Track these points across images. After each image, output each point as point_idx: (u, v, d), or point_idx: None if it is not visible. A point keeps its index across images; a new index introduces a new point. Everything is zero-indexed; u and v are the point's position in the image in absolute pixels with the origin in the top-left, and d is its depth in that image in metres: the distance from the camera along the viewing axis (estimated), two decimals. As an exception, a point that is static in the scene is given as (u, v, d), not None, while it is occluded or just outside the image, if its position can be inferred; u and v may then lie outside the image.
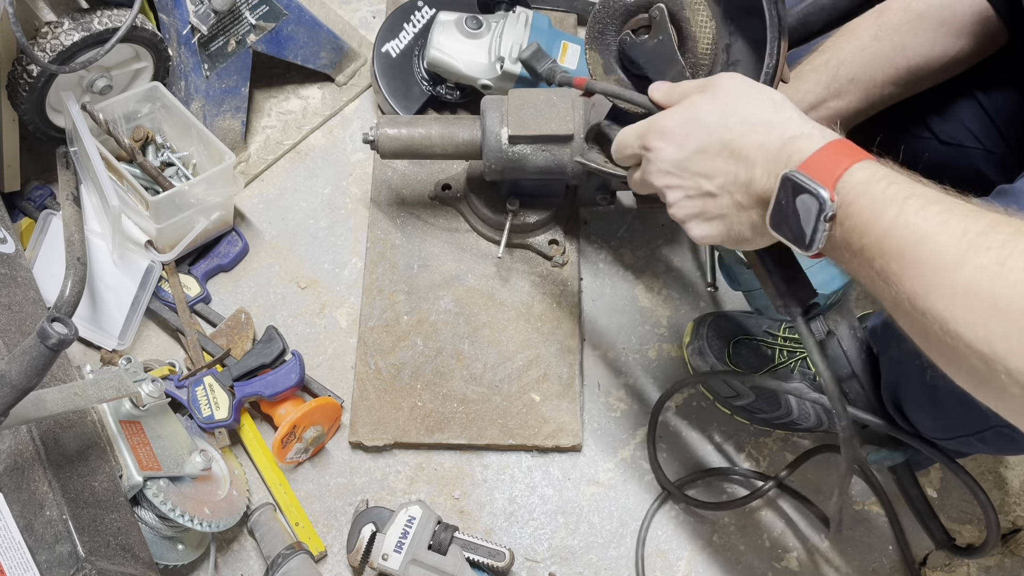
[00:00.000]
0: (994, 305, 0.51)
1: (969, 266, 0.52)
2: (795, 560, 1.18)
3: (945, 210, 0.56)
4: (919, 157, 1.09)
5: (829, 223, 0.62)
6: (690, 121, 0.73)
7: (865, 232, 0.59)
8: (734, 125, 0.70)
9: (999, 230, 0.53)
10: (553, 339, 1.27)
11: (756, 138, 0.68)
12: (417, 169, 1.39)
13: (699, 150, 0.72)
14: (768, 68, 0.79)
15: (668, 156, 0.74)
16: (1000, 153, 1.04)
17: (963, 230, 0.54)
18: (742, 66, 0.85)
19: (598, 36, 0.89)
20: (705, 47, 0.83)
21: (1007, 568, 1.18)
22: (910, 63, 1.00)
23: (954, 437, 0.96)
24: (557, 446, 1.21)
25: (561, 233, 1.32)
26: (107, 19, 1.19)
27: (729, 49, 0.85)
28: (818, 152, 0.64)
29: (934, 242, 0.55)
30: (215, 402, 1.16)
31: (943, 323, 0.54)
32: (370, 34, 1.52)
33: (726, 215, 0.72)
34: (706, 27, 0.82)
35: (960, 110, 1.05)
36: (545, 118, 1.14)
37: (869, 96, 1.03)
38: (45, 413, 0.89)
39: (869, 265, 0.60)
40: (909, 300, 0.56)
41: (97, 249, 1.26)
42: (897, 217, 0.57)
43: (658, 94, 0.80)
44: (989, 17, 0.97)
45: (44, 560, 0.86)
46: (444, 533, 1.09)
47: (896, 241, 0.57)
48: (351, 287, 1.34)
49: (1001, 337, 0.50)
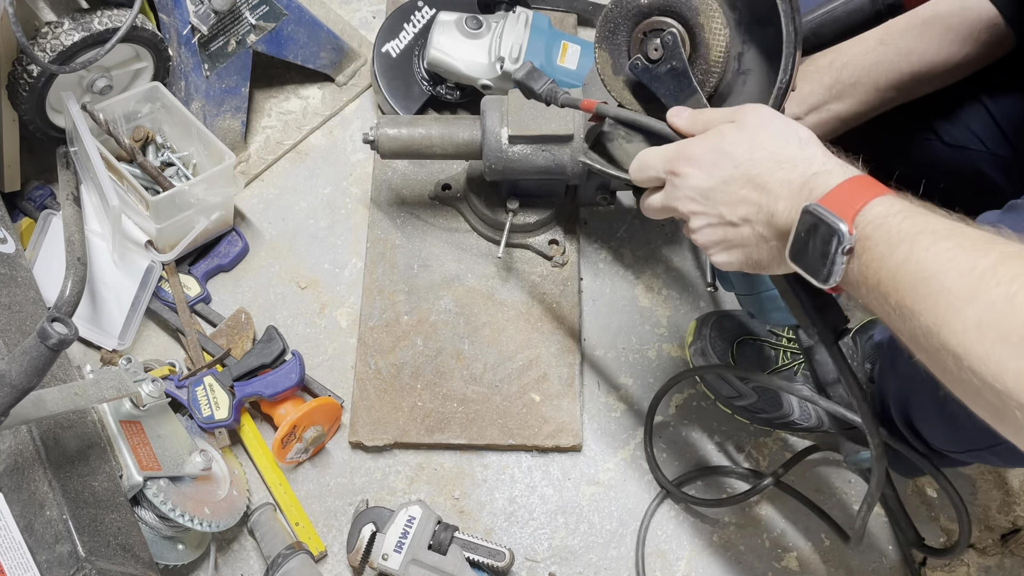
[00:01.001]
0: (1005, 340, 0.51)
1: (979, 302, 0.53)
2: (795, 560, 1.18)
3: (956, 245, 0.57)
4: (924, 159, 1.08)
5: (847, 256, 0.63)
6: (718, 151, 0.73)
7: (881, 267, 0.60)
8: (760, 160, 0.71)
9: (1009, 264, 0.53)
10: (553, 339, 1.27)
11: (781, 174, 0.70)
12: (417, 169, 1.39)
13: (725, 181, 0.73)
14: (782, 83, 0.79)
15: (695, 184, 0.75)
16: (1005, 156, 1.04)
17: (972, 266, 0.55)
18: (753, 75, 0.84)
19: (609, 36, 0.87)
20: (718, 55, 0.82)
21: (1007, 568, 1.18)
22: (914, 68, 1.00)
23: (967, 450, 0.96)
24: (557, 446, 1.21)
25: (561, 233, 1.32)
26: (107, 19, 1.19)
27: (741, 58, 0.84)
28: (839, 187, 0.65)
29: (945, 278, 0.56)
30: (215, 402, 1.16)
31: (957, 359, 0.54)
32: (370, 34, 1.52)
33: (748, 244, 0.74)
34: (720, 34, 0.82)
35: (965, 113, 1.05)
36: (545, 118, 1.14)
37: (871, 100, 1.03)
38: (45, 413, 0.89)
39: (885, 300, 0.61)
40: (924, 335, 0.57)
41: (97, 249, 1.26)
42: (909, 253, 0.58)
43: (679, 120, 0.80)
44: (997, 24, 0.97)
45: (44, 560, 0.86)
46: (444, 533, 1.09)
47: (909, 277, 0.58)
48: (351, 287, 1.34)
49: (1013, 372, 0.51)
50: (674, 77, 0.82)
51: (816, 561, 1.18)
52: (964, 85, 1.03)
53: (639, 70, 0.84)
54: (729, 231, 0.74)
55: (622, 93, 0.90)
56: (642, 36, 0.85)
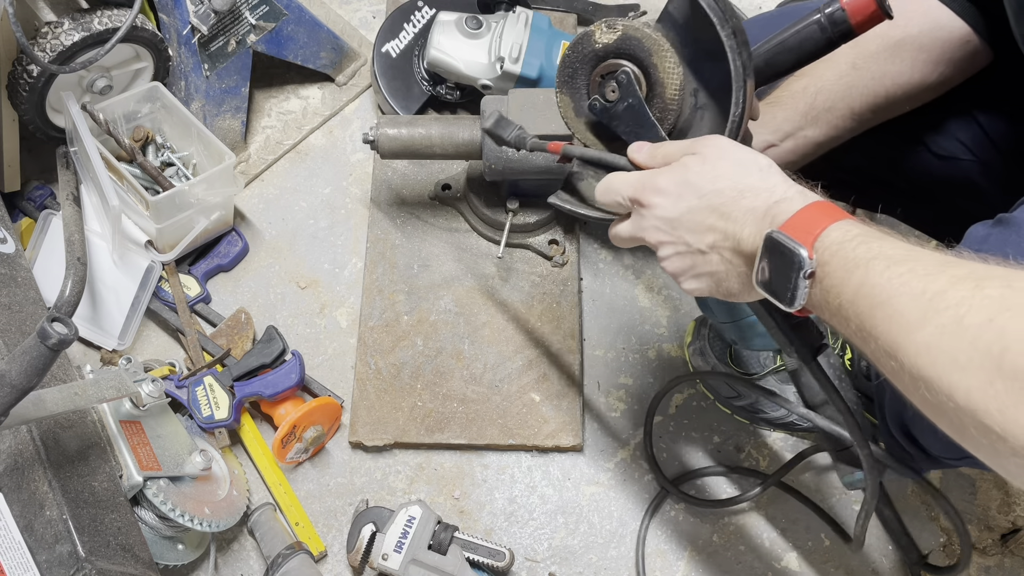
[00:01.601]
0: (955, 362, 0.53)
1: (929, 326, 0.55)
2: (795, 560, 1.18)
3: (908, 271, 0.58)
4: (914, 171, 1.08)
5: (808, 280, 0.65)
6: (682, 182, 0.75)
7: (840, 292, 0.62)
8: (724, 189, 0.73)
9: (958, 288, 0.55)
10: (553, 339, 1.27)
11: (744, 203, 0.71)
12: (417, 169, 1.39)
13: (691, 210, 0.75)
14: (735, 117, 0.81)
15: (661, 214, 0.77)
16: (995, 165, 1.04)
17: (923, 290, 0.56)
18: (710, 109, 0.86)
19: (568, 80, 0.90)
20: (673, 92, 0.85)
21: (1007, 568, 1.18)
22: (889, 91, 1.00)
23: (962, 457, 0.96)
24: (557, 446, 1.21)
25: (561, 233, 1.32)
26: (107, 19, 1.19)
27: (697, 93, 0.86)
28: (798, 213, 0.67)
29: (898, 303, 0.58)
30: (215, 402, 1.16)
31: (914, 379, 0.56)
32: (370, 34, 1.52)
33: (715, 272, 0.75)
34: (673, 73, 0.84)
35: (954, 125, 1.05)
36: (545, 118, 1.14)
37: (847, 124, 1.03)
38: (45, 413, 0.89)
39: (848, 323, 0.63)
40: (885, 357, 0.59)
41: (97, 249, 1.26)
42: (864, 278, 0.60)
43: (639, 155, 0.82)
44: (970, 40, 0.96)
45: (44, 560, 0.86)
46: (444, 533, 1.09)
47: (865, 302, 0.60)
48: (351, 287, 1.34)
49: (964, 391, 0.53)
50: (632, 114, 0.85)
51: (816, 561, 1.18)
52: (952, 98, 1.02)
53: (598, 110, 0.87)
54: (697, 258, 0.76)
55: (585, 134, 0.93)
56: (600, 79, 0.88)
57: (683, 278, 0.78)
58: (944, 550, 1.19)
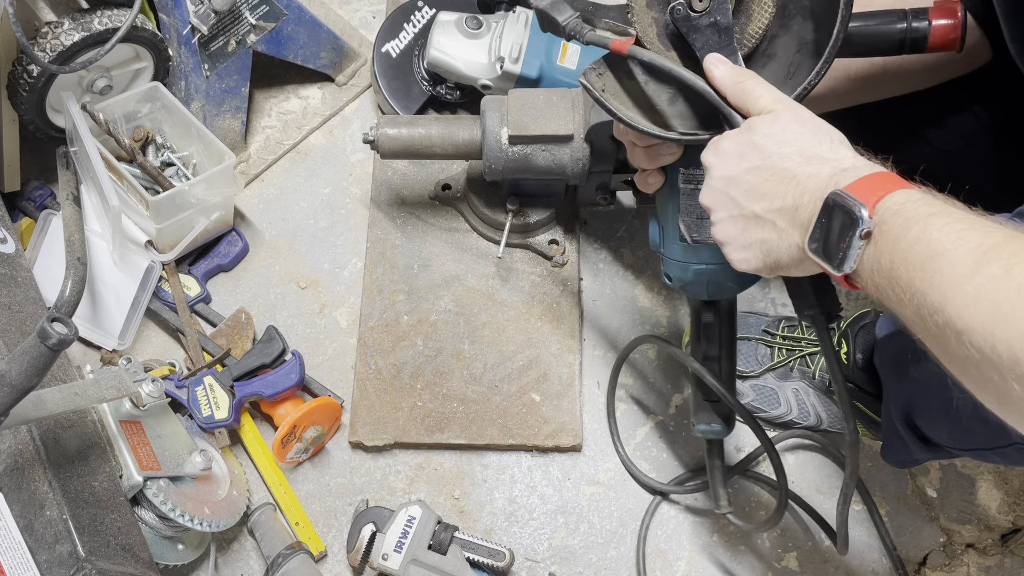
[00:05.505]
0: (998, 310, 0.52)
1: (980, 276, 0.54)
2: (795, 560, 1.18)
3: (967, 227, 0.58)
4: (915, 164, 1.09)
5: (864, 241, 0.63)
6: (747, 143, 0.73)
7: (894, 249, 0.61)
8: (789, 154, 0.71)
9: (1013, 243, 0.55)
10: (553, 339, 1.27)
11: (809, 168, 0.70)
12: (417, 169, 1.39)
13: (750, 171, 0.73)
14: (809, 84, 0.78)
15: (719, 174, 0.75)
16: (996, 161, 1.04)
17: (979, 243, 0.56)
18: (776, 63, 0.82)
19: None
20: (757, 28, 0.80)
21: (1007, 568, 1.18)
22: (887, 63, 0.99)
23: (970, 449, 0.96)
24: (557, 446, 1.21)
25: (561, 233, 1.32)
26: (107, 19, 1.19)
27: (773, 41, 0.82)
28: (864, 178, 0.66)
29: (953, 255, 0.57)
30: (215, 402, 1.16)
31: (958, 335, 0.55)
32: (370, 34, 1.52)
33: (766, 240, 0.73)
34: (766, 10, 0.80)
35: (955, 120, 1.05)
36: (545, 118, 1.14)
37: (837, 86, 1.01)
38: (45, 413, 0.89)
39: (896, 283, 0.61)
40: (931, 314, 0.58)
41: (97, 249, 1.26)
42: (922, 233, 0.59)
43: (719, 70, 0.77)
44: (972, 32, 0.96)
45: (44, 560, 0.86)
46: (444, 533, 1.09)
47: (919, 256, 0.59)
48: (351, 287, 1.34)
49: (1005, 342, 0.52)
50: (715, 32, 0.79)
51: (816, 561, 1.18)
52: (951, 90, 1.02)
53: (679, 16, 0.80)
54: (750, 223, 0.74)
55: (647, 30, 0.85)
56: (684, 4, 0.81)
57: (732, 247, 0.76)
58: (944, 550, 1.19)
